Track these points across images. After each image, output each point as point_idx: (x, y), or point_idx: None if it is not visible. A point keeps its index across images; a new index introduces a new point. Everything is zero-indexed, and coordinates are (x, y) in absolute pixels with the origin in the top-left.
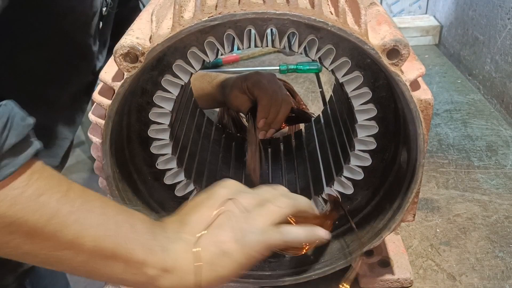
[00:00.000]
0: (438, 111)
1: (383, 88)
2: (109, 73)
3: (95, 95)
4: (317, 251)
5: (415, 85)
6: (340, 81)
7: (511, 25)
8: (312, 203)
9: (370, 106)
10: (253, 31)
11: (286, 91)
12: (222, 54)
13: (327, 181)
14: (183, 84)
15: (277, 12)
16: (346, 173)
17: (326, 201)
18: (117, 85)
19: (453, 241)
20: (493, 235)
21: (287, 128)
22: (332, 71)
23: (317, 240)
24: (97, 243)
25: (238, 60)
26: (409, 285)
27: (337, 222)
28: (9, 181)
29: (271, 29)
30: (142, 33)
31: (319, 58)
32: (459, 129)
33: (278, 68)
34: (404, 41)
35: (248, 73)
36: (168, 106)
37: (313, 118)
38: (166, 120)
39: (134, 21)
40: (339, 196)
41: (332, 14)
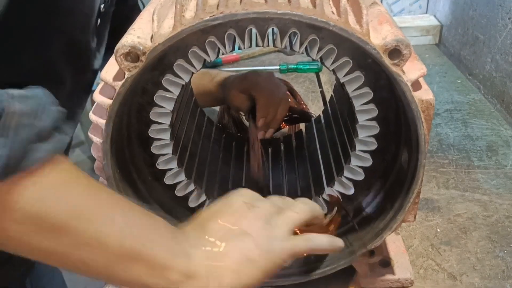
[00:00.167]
0: (439, 111)
1: (384, 88)
2: (110, 73)
3: (96, 95)
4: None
5: (416, 85)
6: (341, 81)
7: None
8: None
9: (371, 106)
10: (254, 31)
11: (285, 90)
12: (223, 54)
13: (328, 182)
14: (184, 84)
15: (279, 12)
16: (347, 174)
17: (327, 202)
18: (118, 85)
19: (454, 241)
20: (494, 235)
21: (287, 128)
22: (333, 71)
23: (337, 249)
24: (122, 242)
25: (238, 60)
26: (410, 285)
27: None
28: (37, 169)
29: (272, 29)
30: (143, 33)
31: (321, 58)
32: (460, 129)
33: (278, 68)
34: (406, 41)
35: (246, 73)
36: (169, 106)
37: (314, 118)
38: (167, 120)
39: (135, 21)
40: (340, 197)
41: (334, 14)
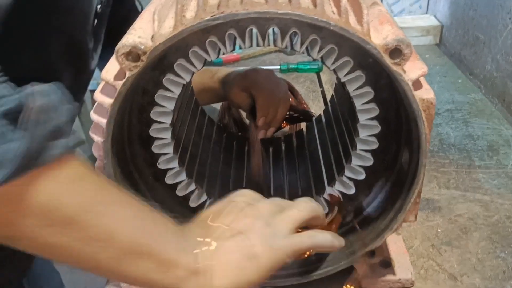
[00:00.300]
0: (439, 111)
1: (385, 88)
2: (111, 72)
3: (97, 94)
4: (319, 252)
5: (417, 85)
6: (342, 81)
7: None
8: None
9: (372, 106)
10: (255, 31)
11: (286, 89)
12: (224, 53)
13: (329, 181)
14: (185, 83)
15: (279, 12)
16: (348, 173)
17: (328, 201)
18: (119, 84)
19: (455, 241)
20: (495, 235)
21: (288, 128)
22: (334, 71)
23: (339, 247)
24: (133, 238)
25: (239, 60)
26: (411, 286)
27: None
28: (53, 164)
29: (273, 29)
30: (144, 32)
31: (321, 58)
32: (460, 129)
33: (279, 68)
34: (407, 41)
35: (247, 70)
36: (170, 105)
37: (314, 118)
38: (168, 120)
39: (136, 20)
40: (341, 197)
41: (334, 14)
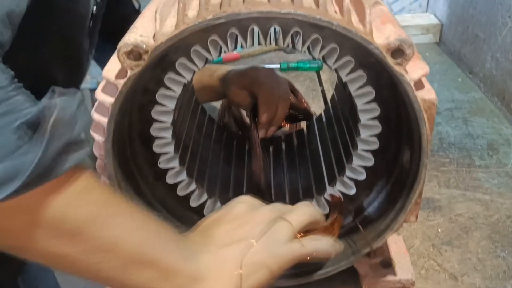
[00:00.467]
0: (439, 110)
1: (387, 88)
2: (112, 71)
3: (98, 93)
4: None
5: (419, 85)
6: (344, 80)
7: None
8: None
9: (373, 106)
10: (257, 30)
11: (287, 87)
12: (225, 52)
13: (329, 181)
14: (186, 82)
15: (282, 12)
16: (349, 173)
17: (329, 202)
18: (120, 83)
19: (455, 241)
20: (495, 235)
21: (289, 127)
22: (336, 70)
23: (339, 251)
24: (138, 248)
25: (239, 58)
26: (411, 286)
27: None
28: (63, 179)
29: (275, 28)
30: (146, 31)
31: (323, 57)
32: (460, 128)
33: (279, 66)
34: (409, 41)
35: (247, 68)
36: (171, 104)
37: (315, 117)
38: (169, 119)
39: (137, 19)
40: (342, 197)
41: (337, 14)
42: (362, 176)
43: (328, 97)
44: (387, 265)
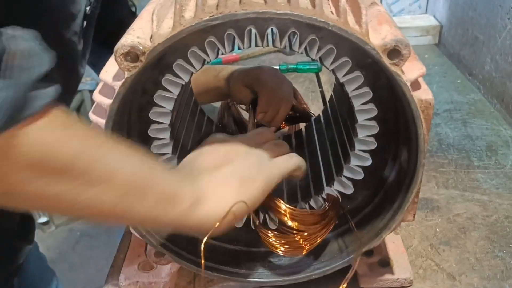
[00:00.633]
0: (438, 111)
1: (384, 88)
2: (110, 73)
3: (96, 95)
4: (317, 251)
5: (416, 85)
6: (341, 81)
7: (511, 25)
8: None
9: (371, 106)
10: (254, 31)
11: (290, 89)
12: (223, 54)
13: (327, 181)
14: (184, 84)
15: (278, 12)
16: (346, 173)
17: (325, 200)
18: (118, 85)
19: (453, 241)
20: (493, 235)
21: (287, 128)
22: (333, 71)
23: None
24: (129, 176)
25: (238, 60)
26: (409, 285)
27: (337, 222)
28: (39, 115)
29: (272, 29)
30: (143, 33)
31: (320, 58)
32: (459, 129)
33: (279, 68)
34: (405, 41)
35: (251, 67)
36: (169, 106)
37: (313, 118)
38: (167, 120)
39: (135, 20)
40: (339, 196)
41: (333, 14)
42: (360, 176)
43: (327, 99)
44: (385, 264)
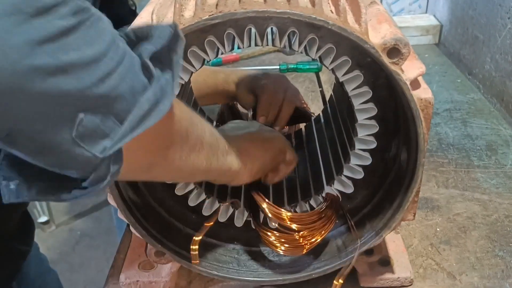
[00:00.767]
0: (438, 110)
1: (383, 87)
2: None
3: None
4: (317, 250)
5: (415, 84)
6: (340, 80)
7: (511, 24)
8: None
9: (370, 105)
10: (254, 30)
11: (294, 92)
12: (223, 53)
13: (327, 180)
14: (184, 83)
15: (278, 11)
16: (346, 172)
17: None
18: None
19: (453, 240)
20: (493, 234)
21: (287, 128)
22: (332, 70)
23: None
24: (209, 138)
25: (238, 59)
26: (409, 284)
27: (337, 221)
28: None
29: (272, 28)
30: None
31: (319, 57)
32: (459, 129)
33: (278, 68)
34: (405, 40)
35: (257, 73)
36: None
37: (313, 117)
38: None
39: (135, 20)
40: (339, 196)
41: (333, 13)
42: (360, 175)
43: (327, 98)
44: (386, 263)
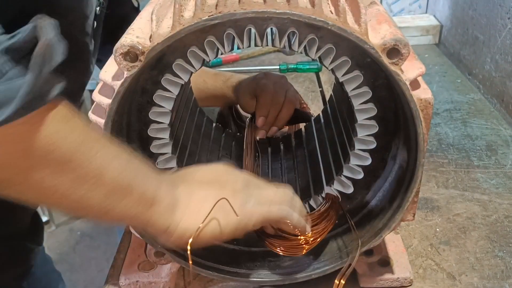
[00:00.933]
0: (438, 111)
1: (383, 88)
2: (109, 72)
3: (95, 94)
4: (317, 251)
5: (415, 84)
6: (340, 80)
7: (511, 25)
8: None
9: (370, 106)
10: (253, 30)
11: (293, 93)
12: (222, 54)
13: (327, 180)
14: (183, 83)
15: (277, 11)
16: (346, 173)
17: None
18: (117, 84)
19: (453, 241)
20: (493, 235)
21: (287, 128)
22: (332, 70)
23: (303, 230)
24: (116, 176)
25: (238, 60)
26: (409, 285)
27: (337, 222)
28: (48, 107)
29: (271, 28)
30: (142, 32)
31: (319, 57)
32: (459, 129)
33: (278, 68)
34: (404, 40)
35: (257, 75)
36: (168, 105)
37: (313, 118)
38: (166, 120)
39: (135, 20)
40: (339, 196)
41: (332, 13)
42: (360, 176)
43: (327, 98)
44: (385, 264)
